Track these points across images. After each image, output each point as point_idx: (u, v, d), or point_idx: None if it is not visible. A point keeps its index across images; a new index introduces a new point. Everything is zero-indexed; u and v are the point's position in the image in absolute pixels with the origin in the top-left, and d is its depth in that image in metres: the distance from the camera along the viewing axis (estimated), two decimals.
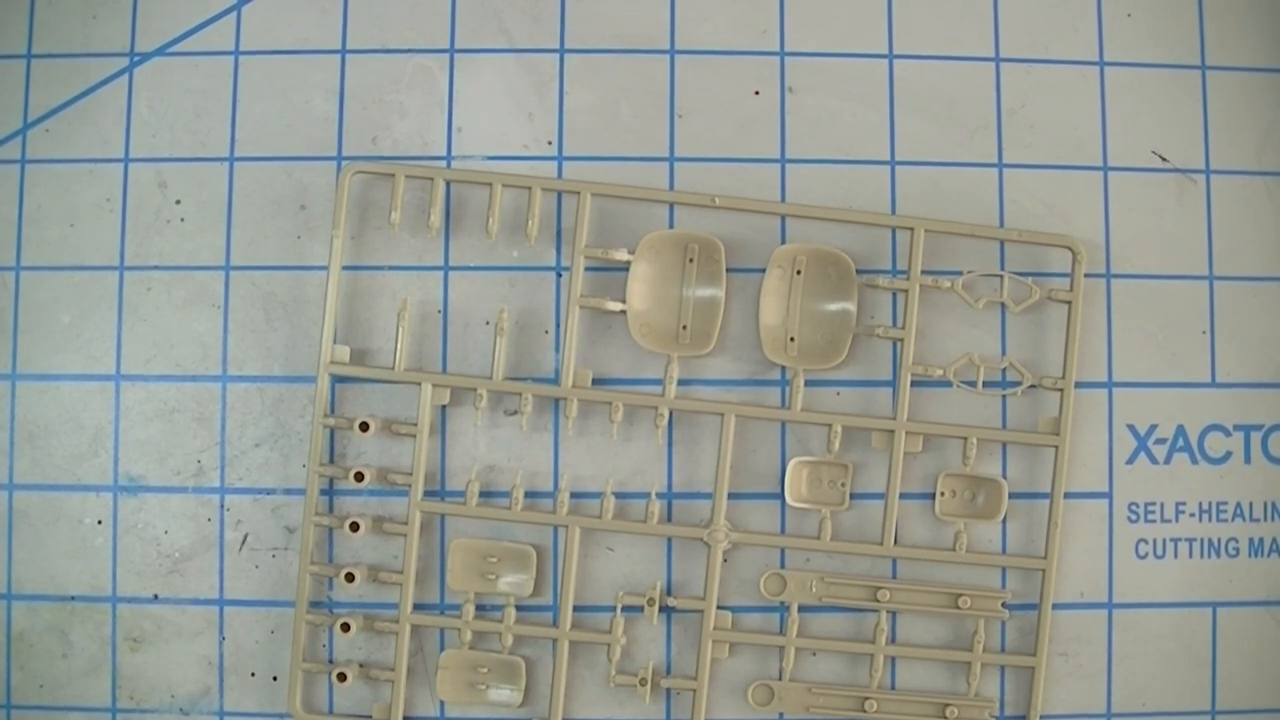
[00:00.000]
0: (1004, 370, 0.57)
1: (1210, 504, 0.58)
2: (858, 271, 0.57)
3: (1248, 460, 0.58)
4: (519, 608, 0.57)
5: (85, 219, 0.58)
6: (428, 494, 0.57)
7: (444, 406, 0.57)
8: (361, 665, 0.57)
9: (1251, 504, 0.58)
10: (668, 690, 0.57)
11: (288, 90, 0.59)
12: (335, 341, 0.57)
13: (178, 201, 0.58)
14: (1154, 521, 0.58)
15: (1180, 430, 0.58)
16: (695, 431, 0.58)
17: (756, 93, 0.59)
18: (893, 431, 0.56)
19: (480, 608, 0.57)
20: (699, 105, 0.58)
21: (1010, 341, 0.58)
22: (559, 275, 0.58)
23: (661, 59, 0.59)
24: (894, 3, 0.59)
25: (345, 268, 0.57)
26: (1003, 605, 0.56)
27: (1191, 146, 0.59)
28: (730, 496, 0.56)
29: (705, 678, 0.56)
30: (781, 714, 0.57)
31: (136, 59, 0.59)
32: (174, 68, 0.59)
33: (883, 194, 0.58)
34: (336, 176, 0.57)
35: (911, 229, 0.56)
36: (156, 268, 0.58)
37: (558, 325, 0.58)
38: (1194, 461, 0.58)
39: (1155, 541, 0.58)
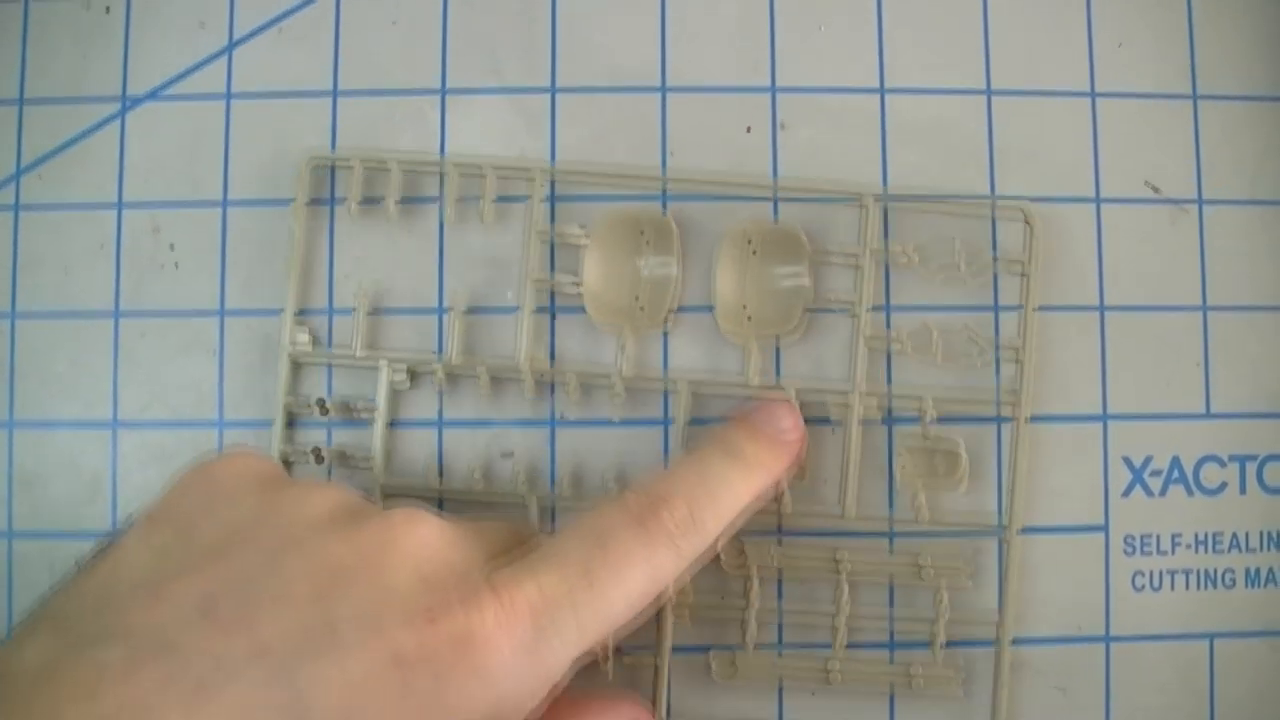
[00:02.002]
0: (965, 340, 0.57)
1: (1206, 535, 0.58)
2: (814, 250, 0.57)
3: (1243, 490, 0.58)
4: None
5: (80, 264, 0.58)
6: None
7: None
8: None
9: (1248, 534, 0.58)
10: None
11: (280, 132, 0.59)
12: (297, 329, 0.57)
13: (171, 246, 0.58)
14: (1150, 554, 0.58)
15: (1175, 461, 0.58)
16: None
17: (748, 129, 0.59)
18: (847, 396, 0.56)
19: None
20: (691, 142, 0.58)
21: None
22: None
23: (653, 96, 0.59)
24: (885, 37, 0.59)
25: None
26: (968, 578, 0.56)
27: (1184, 177, 0.59)
28: None
29: (666, 651, 0.55)
30: (745, 683, 0.56)
31: (129, 103, 0.59)
32: (166, 111, 0.59)
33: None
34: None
35: (859, 196, 0.57)
36: (151, 313, 0.58)
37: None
38: (1190, 493, 0.58)
39: (1152, 574, 0.58)
